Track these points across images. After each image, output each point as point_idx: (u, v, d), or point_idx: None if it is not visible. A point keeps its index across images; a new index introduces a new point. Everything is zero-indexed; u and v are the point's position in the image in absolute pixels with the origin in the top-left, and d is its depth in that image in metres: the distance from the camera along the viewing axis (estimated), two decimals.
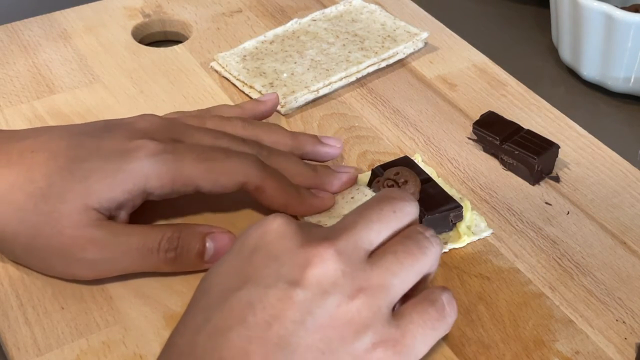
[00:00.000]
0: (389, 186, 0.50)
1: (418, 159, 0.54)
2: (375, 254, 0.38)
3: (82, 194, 0.43)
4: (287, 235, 0.37)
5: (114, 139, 0.45)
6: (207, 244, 0.45)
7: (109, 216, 0.44)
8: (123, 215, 0.45)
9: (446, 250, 0.49)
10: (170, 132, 0.47)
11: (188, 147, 0.45)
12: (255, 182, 0.46)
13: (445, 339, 0.43)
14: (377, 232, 0.39)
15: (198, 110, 0.53)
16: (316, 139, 0.52)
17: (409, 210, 0.41)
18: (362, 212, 0.39)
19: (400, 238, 0.39)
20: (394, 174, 0.50)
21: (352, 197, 0.50)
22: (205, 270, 0.42)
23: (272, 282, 0.35)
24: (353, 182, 0.51)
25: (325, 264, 0.36)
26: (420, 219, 0.48)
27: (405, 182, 0.50)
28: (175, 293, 0.45)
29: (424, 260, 0.39)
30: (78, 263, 0.44)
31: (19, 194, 0.43)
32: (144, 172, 0.44)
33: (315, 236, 0.37)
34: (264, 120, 0.54)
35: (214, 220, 0.50)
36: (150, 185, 0.44)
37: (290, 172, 0.48)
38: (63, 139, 0.45)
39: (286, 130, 0.51)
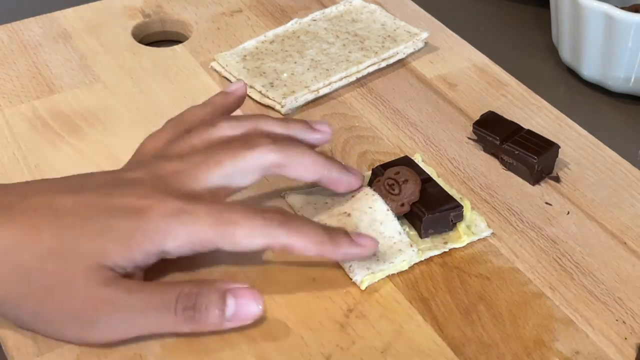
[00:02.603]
0: (389, 185, 0.50)
1: (418, 159, 0.54)
2: None
3: (97, 252, 0.41)
4: None
5: (125, 195, 0.43)
6: (228, 301, 0.42)
7: (124, 275, 0.42)
8: (138, 272, 0.43)
9: (446, 250, 0.49)
10: (174, 179, 0.44)
11: (206, 208, 0.43)
12: (280, 241, 0.43)
13: (445, 338, 0.43)
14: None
15: (172, 120, 0.50)
16: (307, 125, 0.50)
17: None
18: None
19: None
20: (395, 173, 0.50)
21: (353, 196, 0.50)
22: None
23: None
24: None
25: None
26: (421, 219, 0.49)
27: (406, 181, 0.50)
28: None
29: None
30: (92, 326, 0.41)
31: (24, 254, 0.41)
32: (160, 233, 0.41)
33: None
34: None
35: None
36: (169, 245, 0.42)
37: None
38: (67, 198, 0.42)
39: (276, 119, 0.50)
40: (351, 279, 0.46)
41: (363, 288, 0.46)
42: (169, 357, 0.42)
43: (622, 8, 0.60)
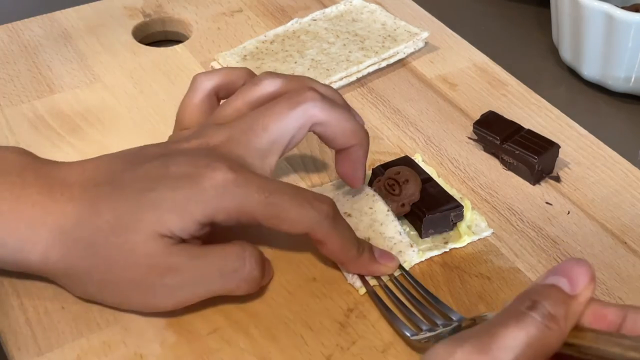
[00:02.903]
0: (389, 185, 0.50)
1: (418, 159, 0.54)
2: None
3: (153, 223, 0.41)
4: None
5: (179, 164, 0.43)
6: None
7: (181, 240, 0.43)
8: (195, 242, 0.44)
9: (447, 250, 0.49)
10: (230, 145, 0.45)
11: (257, 184, 0.43)
12: (318, 235, 0.44)
13: None
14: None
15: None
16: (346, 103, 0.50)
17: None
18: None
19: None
20: (395, 173, 0.50)
21: (353, 196, 0.50)
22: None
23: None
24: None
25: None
26: (421, 219, 0.49)
27: (406, 181, 0.50)
28: None
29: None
30: (156, 292, 0.42)
31: (85, 230, 0.42)
32: (213, 204, 0.42)
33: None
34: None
35: None
36: (218, 218, 0.42)
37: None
38: (125, 171, 0.44)
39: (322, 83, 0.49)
40: (352, 285, 0.46)
41: (362, 293, 0.46)
42: (169, 357, 0.42)
43: (622, 8, 0.60)
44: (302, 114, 0.46)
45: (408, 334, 0.43)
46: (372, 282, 0.46)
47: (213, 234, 0.44)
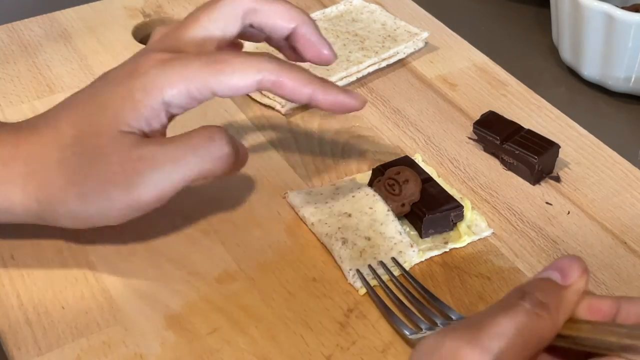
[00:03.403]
0: (389, 185, 0.50)
1: (418, 159, 0.54)
2: None
3: (111, 122, 0.43)
4: None
5: (120, 67, 0.46)
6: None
7: (144, 135, 0.44)
8: (156, 133, 0.45)
9: (447, 250, 0.49)
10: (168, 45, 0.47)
11: (195, 54, 0.45)
12: (272, 77, 0.44)
13: None
14: None
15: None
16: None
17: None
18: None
19: None
20: (395, 174, 0.50)
21: (353, 196, 0.50)
22: None
23: None
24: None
25: None
26: (421, 219, 0.49)
27: (406, 181, 0.50)
28: (175, 293, 0.45)
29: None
30: (136, 186, 0.43)
31: (52, 150, 0.43)
32: (156, 82, 0.43)
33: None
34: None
35: (213, 218, 0.50)
36: (167, 94, 0.43)
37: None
38: (77, 92, 0.46)
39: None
40: (352, 285, 0.46)
41: (362, 294, 0.46)
42: (169, 357, 0.42)
43: (622, 8, 0.60)
44: (231, 2, 0.47)
45: (407, 333, 0.43)
46: (373, 282, 0.46)
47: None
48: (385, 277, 0.46)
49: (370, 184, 0.52)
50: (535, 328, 0.32)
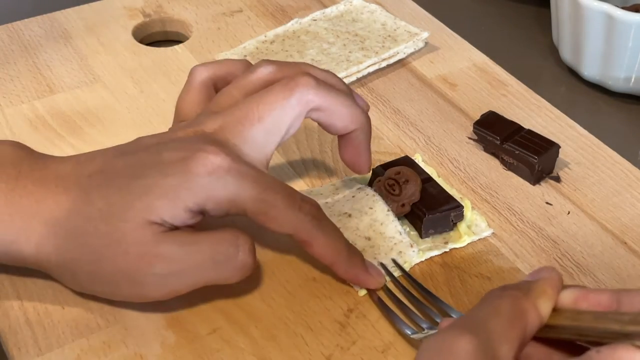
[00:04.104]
0: (389, 185, 0.50)
1: (418, 159, 0.54)
2: None
3: (143, 210, 0.41)
4: None
5: (172, 150, 0.43)
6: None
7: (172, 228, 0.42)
8: (186, 230, 0.43)
9: (447, 250, 0.49)
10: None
11: (252, 176, 0.42)
12: (303, 236, 0.43)
13: None
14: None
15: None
16: (348, 88, 0.49)
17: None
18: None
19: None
20: (395, 173, 0.50)
21: (353, 196, 0.50)
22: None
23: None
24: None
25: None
26: (421, 219, 0.49)
27: (406, 181, 0.50)
28: None
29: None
30: (146, 281, 0.41)
31: (77, 219, 0.42)
32: (205, 191, 0.41)
33: None
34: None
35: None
36: (209, 206, 0.42)
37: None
38: (118, 160, 0.43)
39: (321, 69, 0.48)
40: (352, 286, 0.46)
41: (361, 295, 0.46)
42: (169, 357, 0.42)
43: (623, 8, 0.60)
44: (297, 102, 0.45)
45: (409, 332, 0.43)
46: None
47: (206, 223, 0.43)
48: (385, 278, 0.46)
49: (370, 184, 0.52)
50: (514, 308, 0.35)
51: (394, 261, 0.47)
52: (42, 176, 0.43)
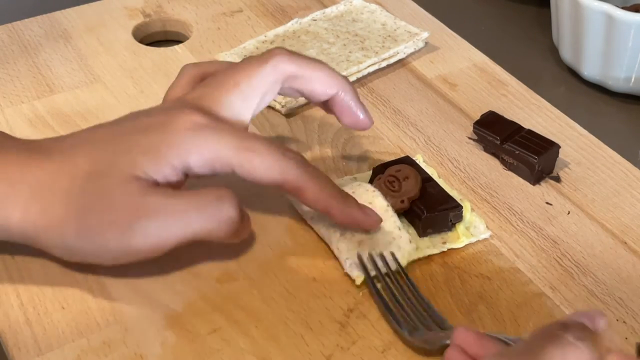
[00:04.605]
0: (389, 182, 0.50)
1: (419, 160, 0.54)
2: None
3: (128, 165, 0.43)
4: None
5: (153, 115, 0.45)
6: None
7: (155, 184, 0.44)
8: (169, 185, 0.44)
9: (445, 250, 0.49)
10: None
11: (230, 129, 0.45)
12: (294, 183, 0.45)
13: None
14: None
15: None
16: None
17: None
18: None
19: None
20: (396, 171, 0.50)
21: (353, 192, 0.50)
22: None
23: None
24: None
25: None
26: (420, 217, 0.49)
27: (406, 178, 0.50)
28: (175, 293, 0.45)
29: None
30: (133, 233, 0.42)
31: (62, 180, 0.43)
32: (185, 145, 0.43)
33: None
34: None
35: None
36: (192, 160, 0.43)
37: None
38: (101, 127, 0.46)
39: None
40: (348, 275, 0.46)
41: (358, 283, 0.46)
42: (169, 357, 0.42)
43: (623, 8, 0.60)
44: (271, 69, 0.47)
45: (405, 332, 0.43)
46: (372, 272, 0.46)
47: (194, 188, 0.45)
48: (383, 270, 0.46)
49: (371, 182, 0.52)
50: (578, 358, 0.33)
51: (393, 255, 0.47)
52: (26, 148, 0.45)
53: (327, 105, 0.50)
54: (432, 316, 0.44)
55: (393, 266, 0.46)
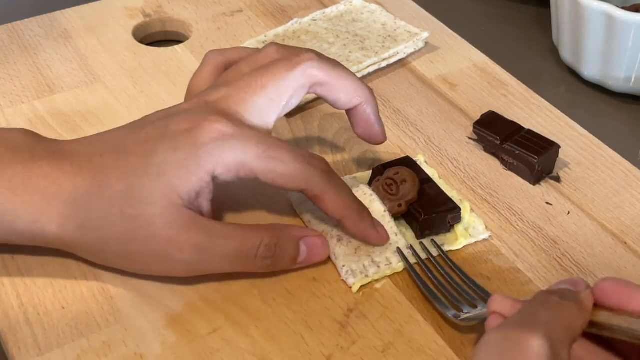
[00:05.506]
0: (387, 185, 0.50)
1: (420, 160, 0.54)
2: None
3: (165, 193, 0.42)
4: None
5: (178, 122, 0.44)
6: (301, 248, 0.46)
7: (195, 208, 0.44)
8: (205, 205, 0.45)
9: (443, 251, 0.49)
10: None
11: (255, 137, 0.44)
12: (315, 191, 0.45)
13: (446, 338, 0.43)
14: None
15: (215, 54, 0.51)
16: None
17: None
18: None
19: None
20: (394, 174, 0.50)
21: None
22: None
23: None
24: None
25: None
26: (418, 219, 0.48)
27: (404, 181, 0.50)
28: (175, 293, 0.45)
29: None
30: (175, 263, 0.43)
31: (98, 201, 0.43)
32: (212, 158, 0.43)
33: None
34: None
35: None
36: (218, 171, 0.44)
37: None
38: (127, 137, 0.45)
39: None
40: (345, 282, 0.46)
41: (354, 291, 0.46)
42: (169, 357, 0.42)
43: (623, 8, 0.60)
44: (300, 74, 0.47)
45: (450, 315, 0.43)
46: (412, 259, 0.47)
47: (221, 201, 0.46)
48: (423, 256, 0.47)
49: (370, 183, 0.52)
50: (566, 315, 0.36)
51: (433, 242, 0.48)
52: (56, 157, 0.44)
53: (346, 110, 0.50)
54: (477, 292, 0.45)
55: (434, 252, 0.47)
